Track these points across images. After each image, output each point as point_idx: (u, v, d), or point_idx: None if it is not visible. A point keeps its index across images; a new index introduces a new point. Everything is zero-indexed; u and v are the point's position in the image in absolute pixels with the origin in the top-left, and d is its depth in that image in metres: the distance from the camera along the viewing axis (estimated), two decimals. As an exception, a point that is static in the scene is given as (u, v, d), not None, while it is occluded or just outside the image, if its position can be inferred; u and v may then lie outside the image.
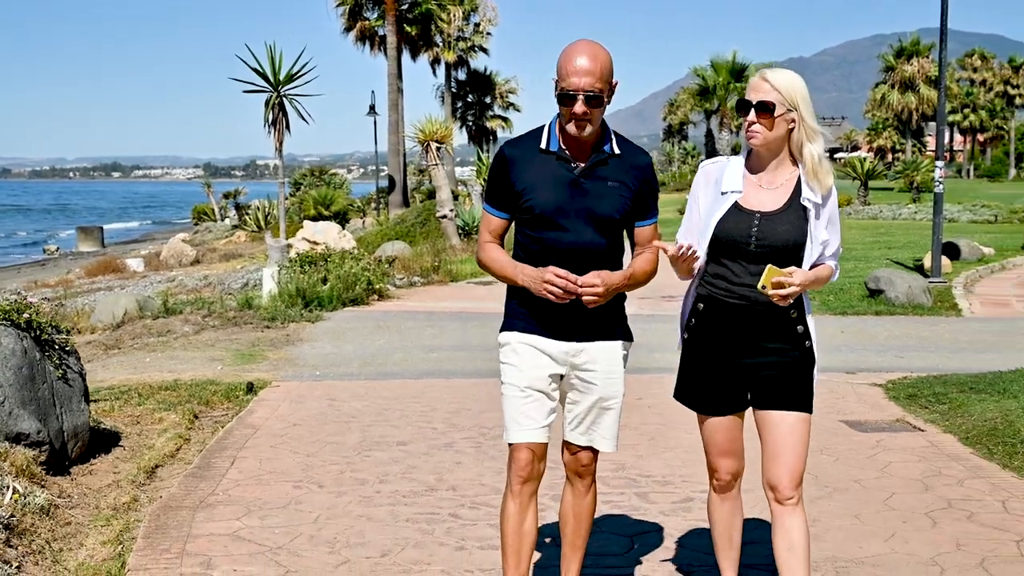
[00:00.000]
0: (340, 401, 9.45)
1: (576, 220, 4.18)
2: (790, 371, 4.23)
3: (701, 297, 4.32)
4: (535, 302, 4.23)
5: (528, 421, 4.26)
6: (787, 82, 4.10)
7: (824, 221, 4.20)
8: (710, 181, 4.31)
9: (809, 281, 4.13)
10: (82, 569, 5.30)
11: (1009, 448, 7.42)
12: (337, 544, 5.71)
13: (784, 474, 4.21)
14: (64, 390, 7.09)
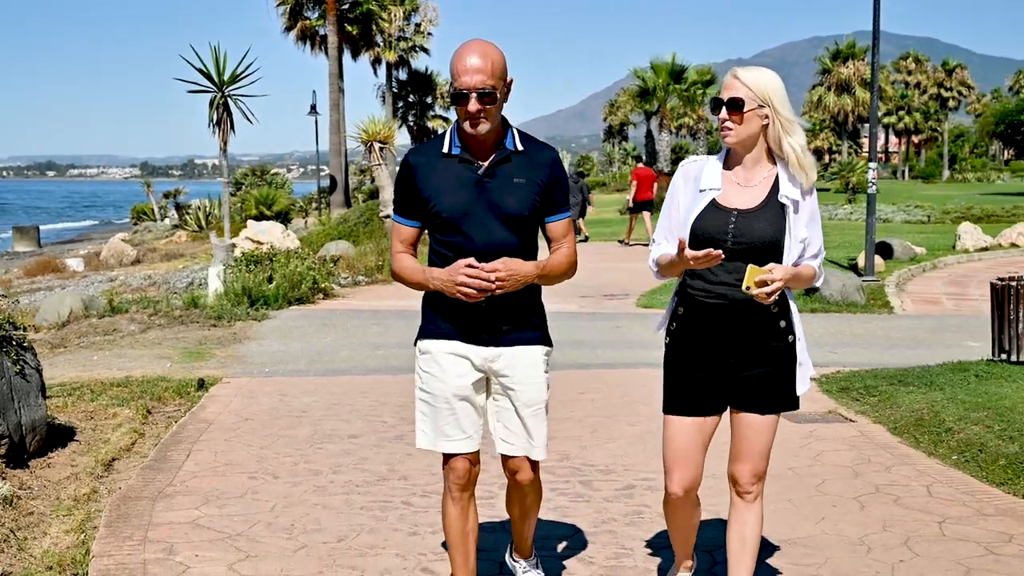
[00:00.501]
0: (290, 396, 9.66)
1: (484, 220, 4.19)
2: (772, 370, 4.23)
3: (681, 300, 4.33)
4: (451, 307, 4.24)
5: (457, 433, 4.29)
6: (757, 78, 4.12)
7: (804, 218, 4.19)
8: (689, 179, 4.32)
9: (790, 276, 4.07)
10: (47, 556, 5.48)
11: (934, 437, 7.78)
12: (295, 531, 5.94)
13: (746, 472, 4.29)
14: (21, 385, 7.24)
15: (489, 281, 4.06)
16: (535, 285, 4.34)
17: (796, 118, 4.13)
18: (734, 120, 4.12)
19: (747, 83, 4.10)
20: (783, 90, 4.14)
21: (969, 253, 25.96)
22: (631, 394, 9.61)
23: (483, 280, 4.05)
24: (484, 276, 4.05)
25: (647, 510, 6.29)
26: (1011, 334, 9.99)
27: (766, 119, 4.12)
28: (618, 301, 17.58)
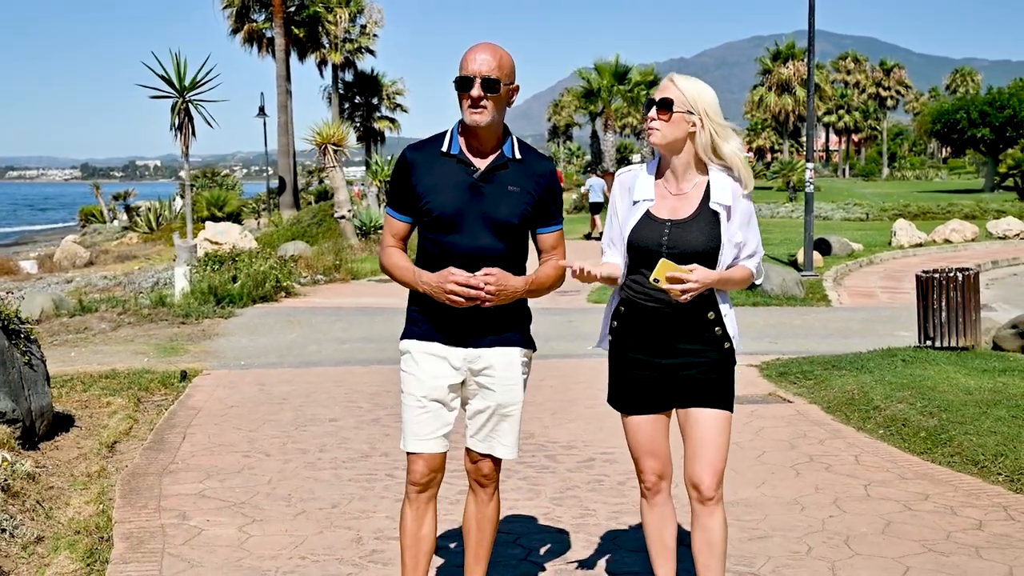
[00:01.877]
0: (269, 386, 10.32)
1: (473, 224, 4.17)
2: (709, 371, 4.25)
3: (622, 301, 4.35)
4: (434, 308, 4.22)
5: (424, 432, 4.28)
6: (691, 86, 4.17)
7: (737, 222, 4.22)
8: (624, 189, 4.35)
9: (713, 280, 4.11)
10: (73, 523, 6.12)
11: (863, 414, 8.59)
12: (292, 499, 6.62)
13: (706, 473, 4.25)
14: (30, 374, 7.86)
15: (479, 290, 4.06)
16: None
17: (727, 123, 4.20)
18: (662, 118, 4.15)
19: (680, 87, 4.16)
20: (716, 101, 4.20)
21: (904, 249, 27.02)
22: (586, 381, 10.34)
23: (473, 290, 4.06)
24: (475, 284, 4.05)
25: (606, 479, 7.02)
26: (934, 322, 10.85)
27: (693, 126, 4.16)
28: (570, 297, 18.34)
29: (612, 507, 6.41)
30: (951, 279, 10.75)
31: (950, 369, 9.74)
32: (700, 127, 4.15)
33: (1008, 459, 7.01)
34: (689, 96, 4.14)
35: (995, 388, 8.86)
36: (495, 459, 4.42)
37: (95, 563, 5.48)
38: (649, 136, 4.21)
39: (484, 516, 4.48)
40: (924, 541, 5.74)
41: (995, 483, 6.78)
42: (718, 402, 4.27)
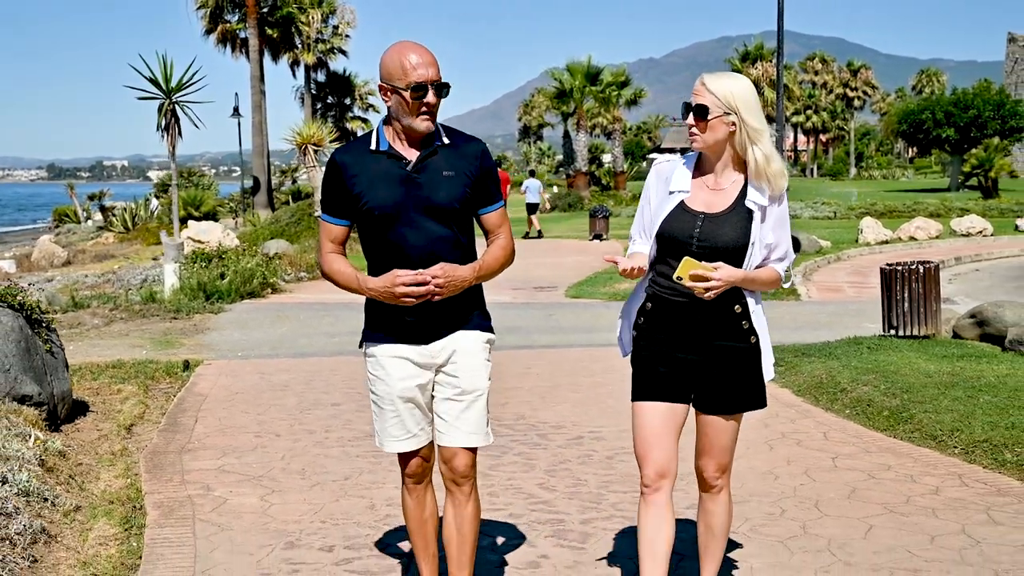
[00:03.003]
0: (269, 375, 10.85)
1: (415, 215, 4.17)
2: (735, 370, 4.26)
3: (649, 296, 4.32)
4: (390, 309, 4.23)
5: (401, 433, 4.35)
6: (724, 86, 4.13)
7: (771, 223, 4.21)
8: (661, 179, 4.35)
9: (738, 279, 4.10)
10: (106, 495, 6.65)
11: (831, 396, 9.19)
12: (306, 473, 7.16)
13: (710, 465, 4.40)
14: (51, 361, 8.36)
15: (427, 284, 4.09)
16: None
17: (765, 126, 4.16)
18: (699, 127, 4.15)
19: (713, 90, 4.11)
20: (752, 98, 4.15)
21: (871, 246, 27.73)
22: (570, 369, 10.90)
23: (422, 286, 4.08)
24: (422, 281, 4.08)
25: (595, 453, 7.59)
26: (898, 312, 11.49)
27: (733, 126, 4.13)
28: (548, 292, 18.92)
29: (602, 478, 6.97)
30: (913, 272, 11.39)
31: (912, 355, 10.38)
32: (739, 127, 4.12)
33: (963, 434, 7.62)
34: (724, 98, 4.10)
35: (953, 372, 9.49)
36: (469, 454, 4.38)
37: (132, 528, 6.01)
38: (691, 143, 4.22)
39: (464, 519, 4.43)
40: (886, 504, 6.33)
41: (951, 455, 7.39)
42: (738, 406, 4.32)
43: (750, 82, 4.19)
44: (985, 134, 60.09)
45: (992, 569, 5.25)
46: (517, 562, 5.46)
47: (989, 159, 51.41)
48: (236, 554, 5.61)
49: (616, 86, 57.78)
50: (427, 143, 4.23)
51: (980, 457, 7.24)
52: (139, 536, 5.88)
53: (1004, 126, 60.97)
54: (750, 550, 5.62)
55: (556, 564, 5.43)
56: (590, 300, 18.10)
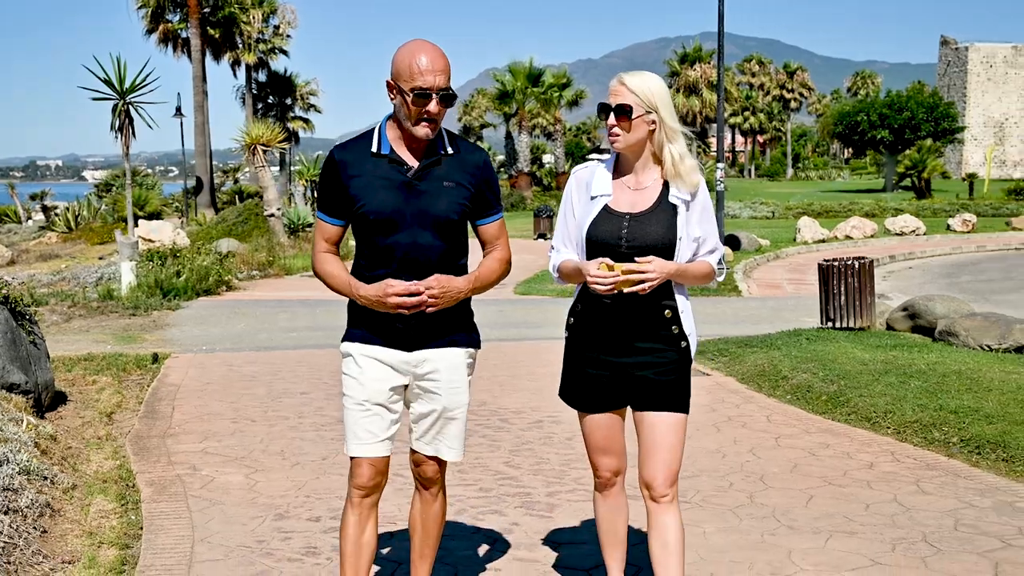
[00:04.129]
0: (236, 366, 11.27)
1: (411, 223, 4.06)
2: (665, 372, 4.20)
3: (580, 297, 4.32)
4: (374, 312, 4.13)
5: (368, 436, 4.18)
6: (644, 85, 4.11)
7: (696, 216, 4.20)
8: (581, 185, 4.32)
9: (672, 271, 4.09)
10: (99, 474, 7.07)
11: (773, 383, 9.78)
12: (285, 454, 7.62)
13: (659, 473, 4.22)
14: (35, 352, 8.74)
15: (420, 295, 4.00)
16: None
17: (679, 125, 4.17)
18: (622, 126, 4.12)
19: (633, 89, 4.11)
20: (668, 96, 4.15)
21: (808, 244, 28.54)
22: (525, 360, 11.43)
23: (416, 298, 3.99)
24: (415, 291, 3.98)
25: (555, 435, 8.11)
26: (835, 305, 12.13)
27: (653, 124, 4.13)
28: (497, 289, 19.38)
29: (563, 456, 7.49)
30: (849, 267, 12.04)
31: (848, 345, 11.01)
32: (658, 126, 4.14)
33: (895, 415, 8.23)
34: (644, 96, 4.09)
35: (886, 360, 10.12)
36: (440, 460, 4.36)
37: (128, 504, 6.44)
38: (612, 143, 4.20)
39: (429, 515, 4.45)
40: (824, 477, 6.90)
41: (885, 434, 7.99)
42: (673, 405, 4.23)
43: (663, 81, 4.19)
44: (919, 136, 61.46)
45: (920, 531, 5.82)
46: (491, 528, 5.96)
47: (922, 160, 52.70)
48: (230, 524, 6.07)
49: (557, 87, 58.48)
50: (431, 150, 4.12)
51: (911, 436, 7.85)
52: (136, 510, 6.31)
53: (937, 128, 62.41)
54: (702, 517, 6.16)
55: (527, 531, 5.93)
56: (539, 296, 18.65)
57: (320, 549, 5.65)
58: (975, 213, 36.41)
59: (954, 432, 7.69)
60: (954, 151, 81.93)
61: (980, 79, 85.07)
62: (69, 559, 5.50)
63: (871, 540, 5.70)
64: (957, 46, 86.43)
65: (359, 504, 4.25)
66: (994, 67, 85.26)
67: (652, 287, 4.02)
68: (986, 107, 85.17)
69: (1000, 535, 5.73)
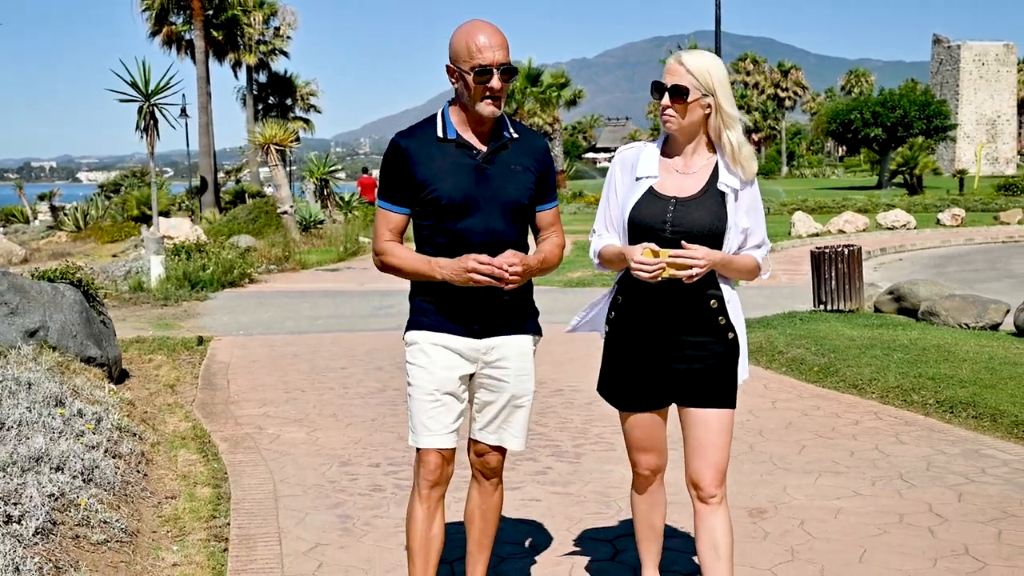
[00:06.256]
0: (277, 347, 12.24)
1: (484, 208, 4.00)
2: (712, 366, 4.05)
3: (620, 289, 4.18)
4: (444, 298, 4.07)
5: (437, 426, 4.10)
6: (703, 66, 3.93)
7: (744, 207, 4.03)
8: (626, 167, 4.15)
9: (717, 260, 3.93)
10: (177, 433, 8.03)
11: (770, 357, 10.76)
12: (338, 417, 8.59)
13: (707, 473, 4.08)
14: (104, 330, 9.71)
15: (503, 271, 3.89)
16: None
17: (737, 112, 4.00)
18: (676, 108, 3.95)
19: (692, 70, 3.92)
20: (727, 80, 3.98)
21: (802, 238, 29.50)
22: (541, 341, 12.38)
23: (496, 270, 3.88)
24: (498, 266, 3.88)
25: (576, 401, 9.07)
26: (826, 289, 13.13)
27: (708, 108, 3.96)
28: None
29: (584, 417, 8.46)
30: (839, 254, 13.03)
31: (838, 325, 12.01)
32: (714, 110, 3.98)
33: (879, 382, 9.20)
34: (702, 78, 3.92)
35: (872, 336, 11.11)
36: (502, 450, 4.31)
37: (208, 455, 7.41)
38: (664, 124, 4.03)
39: (489, 506, 4.39)
40: (816, 432, 7.88)
41: (870, 399, 8.96)
42: (721, 400, 4.08)
43: (722, 62, 4.00)
44: (911, 133, 62.48)
45: (897, 471, 6.80)
46: (528, 471, 6.93)
47: (914, 157, 53.71)
48: (302, 469, 7.04)
49: (556, 87, 59.46)
50: (496, 134, 4.09)
51: (893, 399, 8.82)
52: (217, 460, 7.28)
53: (929, 125, 63.42)
54: (710, 461, 7.13)
55: (560, 472, 6.91)
56: (546, 287, 19.58)
57: (384, 486, 6.62)
58: (965, 208, 37.38)
59: (931, 395, 8.66)
60: (947, 148, 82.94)
61: (972, 77, 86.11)
62: (171, 495, 6.48)
63: (855, 478, 6.67)
64: (950, 44, 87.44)
65: (428, 497, 4.18)
66: (986, 65, 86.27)
67: (699, 275, 3.86)
68: (978, 105, 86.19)
69: (965, 473, 6.70)
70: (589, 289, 18.31)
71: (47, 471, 5.67)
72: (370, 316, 14.85)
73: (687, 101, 3.93)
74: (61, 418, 6.69)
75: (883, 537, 5.56)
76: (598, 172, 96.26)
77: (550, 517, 6.00)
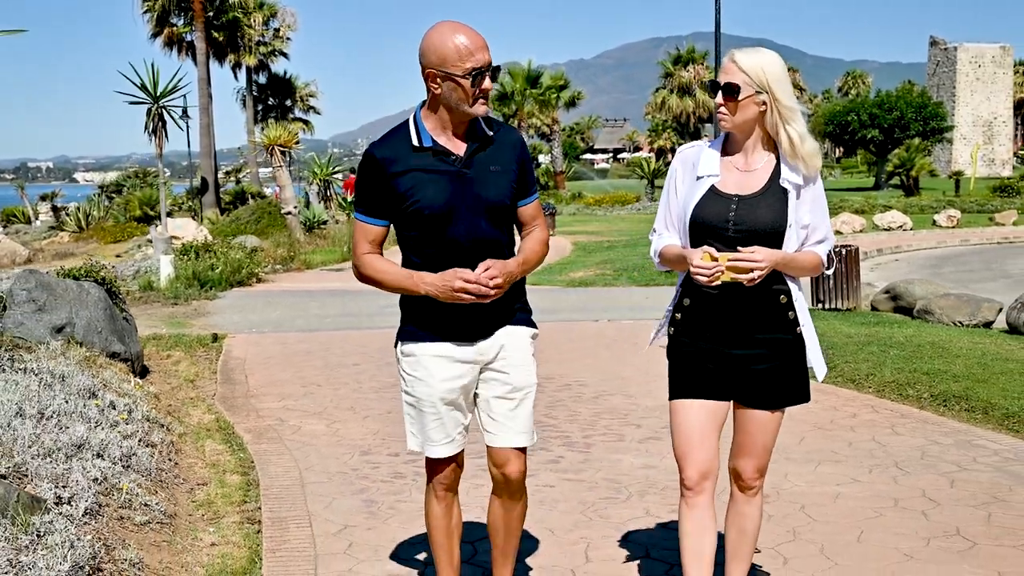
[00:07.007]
0: (289, 344, 12.57)
1: (468, 214, 3.97)
2: (783, 364, 4.08)
3: (686, 291, 4.14)
4: (436, 307, 4.04)
5: (442, 436, 4.15)
6: (755, 63, 3.92)
7: (807, 203, 4.02)
8: (687, 165, 4.15)
9: (778, 260, 3.92)
10: (201, 424, 8.36)
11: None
12: (356, 409, 8.92)
13: (750, 466, 4.20)
14: (126, 326, 10.04)
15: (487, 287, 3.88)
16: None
17: (797, 104, 3.96)
18: (729, 107, 3.96)
19: (744, 68, 3.92)
20: (784, 75, 3.95)
21: (800, 239, 29.87)
22: (546, 339, 12.57)
23: (481, 288, 3.88)
24: (483, 281, 3.88)
25: (584, 395, 9.40)
26: (824, 288, 13.49)
27: (764, 105, 3.94)
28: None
29: (592, 410, 8.79)
30: (837, 254, 13.37)
31: (836, 322, 12.36)
32: (770, 107, 3.95)
33: (876, 377, 9.54)
34: (755, 76, 3.91)
35: (869, 334, 11.46)
36: (522, 456, 4.23)
37: (233, 446, 7.74)
38: (719, 122, 4.05)
39: (513, 516, 4.34)
40: (815, 423, 8.21)
41: (867, 392, 9.30)
42: (784, 401, 4.16)
43: (780, 58, 3.99)
44: (908, 135, 62.79)
45: (893, 460, 7.14)
46: (541, 460, 7.26)
47: (911, 159, 54.12)
48: (325, 458, 7.37)
49: (555, 89, 59.89)
50: (470, 135, 4.05)
51: (889, 393, 9.16)
52: (243, 450, 7.61)
53: (926, 127, 63.76)
54: (714, 451, 7.47)
55: (571, 461, 7.25)
56: (549, 286, 19.92)
57: (404, 474, 6.95)
58: (960, 209, 37.76)
59: (925, 389, 9.00)
60: (943, 150, 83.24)
61: (969, 79, 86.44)
62: (202, 482, 6.81)
63: (852, 466, 7.02)
64: (946, 46, 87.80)
65: (444, 497, 4.31)
66: (983, 67, 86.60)
67: (760, 278, 3.86)
68: (975, 107, 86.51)
69: (957, 462, 7.04)
70: (591, 289, 18.67)
71: (89, 457, 6.00)
72: (377, 314, 15.15)
73: (739, 99, 3.93)
74: (96, 409, 7.02)
75: (879, 519, 5.91)
76: (596, 173, 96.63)
77: (564, 502, 6.33)
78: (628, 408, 8.78)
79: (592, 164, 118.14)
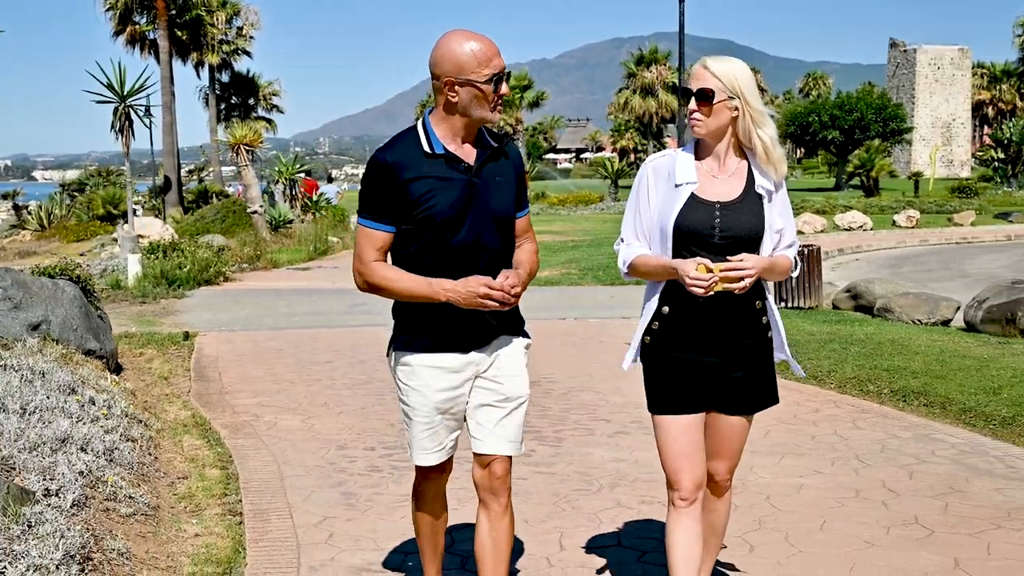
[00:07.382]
0: (260, 342, 12.70)
1: (476, 223, 3.97)
2: (758, 368, 4.17)
3: (665, 299, 4.13)
4: (431, 317, 4.04)
5: (434, 445, 4.19)
6: (727, 70, 3.99)
7: (777, 208, 4.10)
8: (660, 174, 4.15)
9: (765, 266, 4.00)
10: (178, 420, 8.50)
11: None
12: (329, 406, 9.07)
13: (724, 468, 4.34)
14: (101, 324, 10.15)
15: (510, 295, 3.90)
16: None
17: (766, 109, 4.03)
18: (703, 112, 4.00)
19: (716, 74, 3.98)
20: (753, 81, 4.03)
21: (762, 239, 30.20)
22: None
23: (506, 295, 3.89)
24: (507, 289, 3.88)
25: (553, 391, 9.59)
26: (787, 287, 13.76)
27: (736, 111, 4.00)
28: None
29: (562, 406, 8.99)
30: (799, 254, 13.64)
31: (799, 320, 12.62)
32: (742, 113, 4.02)
33: (837, 373, 9.79)
34: (727, 81, 3.97)
35: (831, 332, 11.73)
36: (507, 459, 4.19)
37: (211, 441, 7.89)
38: (692, 128, 4.07)
39: (500, 532, 4.23)
40: (778, 418, 8.42)
41: (828, 389, 9.55)
42: (758, 406, 4.26)
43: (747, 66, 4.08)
44: (868, 136, 63.43)
45: (854, 452, 7.38)
46: (514, 453, 7.44)
47: (871, 160, 54.72)
48: (302, 453, 7.53)
49: (519, 89, 60.10)
50: (478, 143, 4.06)
51: (850, 389, 9.41)
52: (221, 445, 7.75)
53: (886, 128, 64.42)
54: (682, 445, 7.69)
55: (543, 455, 7.44)
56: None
57: (381, 467, 7.13)
58: (920, 210, 38.24)
59: (885, 385, 9.26)
60: (903, 151, 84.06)
61: (928, 81, 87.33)
62: (183, 475, 6.96)
63: (815, 459, 7.25)
64: (906, 48, 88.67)
65: (433, 499, 4.41)
66: (941, 69, 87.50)
67: (750, 284, 3.94)
68: (934, 108, 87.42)
69: (916, 455, 7.29)
70: (557, 288, 18.83)
71: (74, 451, 6.13)
72: (346, 313, 15.29)
73: (713, 103, 3.97)
74: (77, 404, 7.15)
75: (841, 509, 6.14)
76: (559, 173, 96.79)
77: (537, 494, 6.52)
78: (597, 404, 8.99)
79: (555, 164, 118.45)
